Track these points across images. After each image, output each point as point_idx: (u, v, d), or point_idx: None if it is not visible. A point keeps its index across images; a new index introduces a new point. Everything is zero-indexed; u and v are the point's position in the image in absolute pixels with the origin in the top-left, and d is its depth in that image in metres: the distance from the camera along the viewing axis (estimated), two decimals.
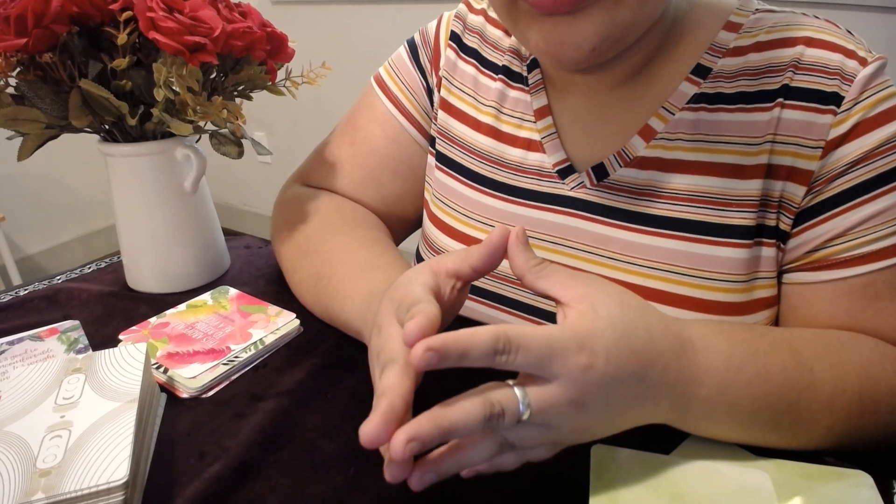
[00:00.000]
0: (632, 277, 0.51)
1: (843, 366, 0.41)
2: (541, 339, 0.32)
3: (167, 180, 0.60)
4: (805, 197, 0.46)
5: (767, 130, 0.46)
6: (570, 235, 0.54)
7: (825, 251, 0.46)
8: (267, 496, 0.39)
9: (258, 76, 0.58)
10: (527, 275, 0.38)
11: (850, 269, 0.45)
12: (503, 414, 0.32)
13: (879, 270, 0.45)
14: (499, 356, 0.32)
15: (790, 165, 0.46)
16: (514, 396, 0.32)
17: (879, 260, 0.45)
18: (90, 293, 0.64)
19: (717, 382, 0.37)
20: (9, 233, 2.17)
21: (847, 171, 0.44)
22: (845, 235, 0.45)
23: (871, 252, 0.45)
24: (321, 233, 0.60)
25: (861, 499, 0.37)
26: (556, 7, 0.41)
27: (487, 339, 0.31)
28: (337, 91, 1.64)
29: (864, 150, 0.44)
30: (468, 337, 0.31)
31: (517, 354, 0.32)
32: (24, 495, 0.34)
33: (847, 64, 0.45)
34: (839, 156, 0.44)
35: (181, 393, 0.48)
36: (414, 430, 0.30)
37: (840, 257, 0.46)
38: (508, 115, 0.58)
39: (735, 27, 0.49)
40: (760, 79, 0.47)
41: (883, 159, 0.44)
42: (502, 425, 0.32)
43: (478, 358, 0.31)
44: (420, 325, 0.32)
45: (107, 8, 0.51)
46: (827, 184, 0.45)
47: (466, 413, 0.31)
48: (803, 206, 0.46)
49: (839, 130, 0.44)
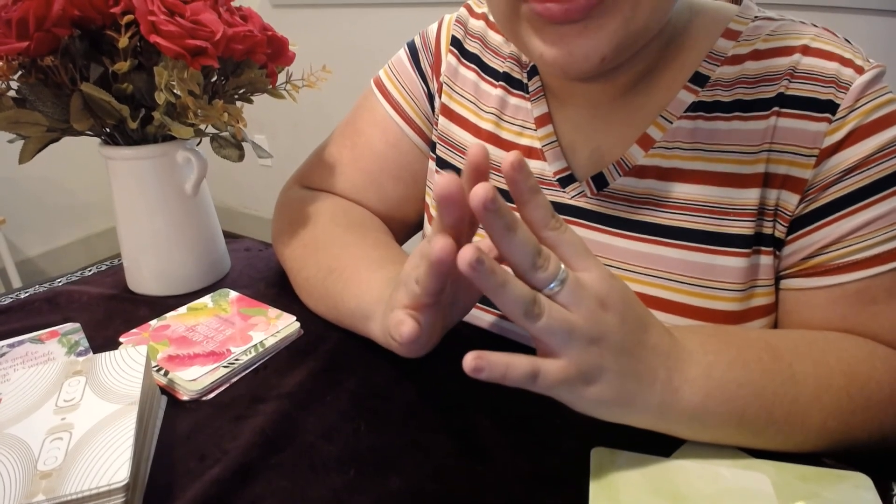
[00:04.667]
0: (631, 285, 0.51)
1: (827, 363, 0.42)
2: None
3: (168, 183, 0.60)
4: (799, 205, 0.46)
5: (764, 139, 0.46)
6: None
7: (820, 258, 0.46)
8: (267, 498, 0.39)
9: (259, 79, 0.58)
10: (543, 231, 0.36)
11: (845, 276, 0.45)
12: (548, 264, 0.34)
13: (874, 276, 0.45)
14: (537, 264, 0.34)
15: (785, 174, 0.46)
16: (559, 264, 0.35)
17: (874, 266, 0.44)
18: (91, 296, 0.64)
19: (701, 362, 0.39)
20: (9, 235, 2.17)
21: (842, 179, 0.44)
22: (840, 242, 0.45)
23: (865, 258, 0.44)
24: (330, 232, 0.60)
25: (861, 501, 0.37)
26: (566, 16, 0.40)
27: (530, 246, 0.33)
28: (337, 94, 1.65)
29: (860, 158, 0.44)
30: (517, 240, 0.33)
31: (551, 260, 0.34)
32: (25, 497, 0.34)
33: (843, 72, 0.44)
34: (833, 163, 0.44)
35: (181, 395, 0.48)
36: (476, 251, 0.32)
37: (834, 264, 0.45)
38: (509, 123, 0.58)
39: (734, 35, 0.49)
40: (757, 87, 0.47)
41: (878, 166, 0.43)
42: (544, 272, 0.34)
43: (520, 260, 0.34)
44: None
45: (108, 11, 0.51)
46: (821, 192, 0.45)
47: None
48: (797, 214, 0.46)
49: (834, 138, 0.44)
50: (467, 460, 0.42)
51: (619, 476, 0.39)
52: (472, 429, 0.44)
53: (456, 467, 0.41)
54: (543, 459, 0.41)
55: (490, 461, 0.41)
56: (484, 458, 0.42)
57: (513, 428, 0.44)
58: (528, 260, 0.33)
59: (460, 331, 0.53)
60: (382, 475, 0.40)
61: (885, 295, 0.45)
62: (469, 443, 0.43)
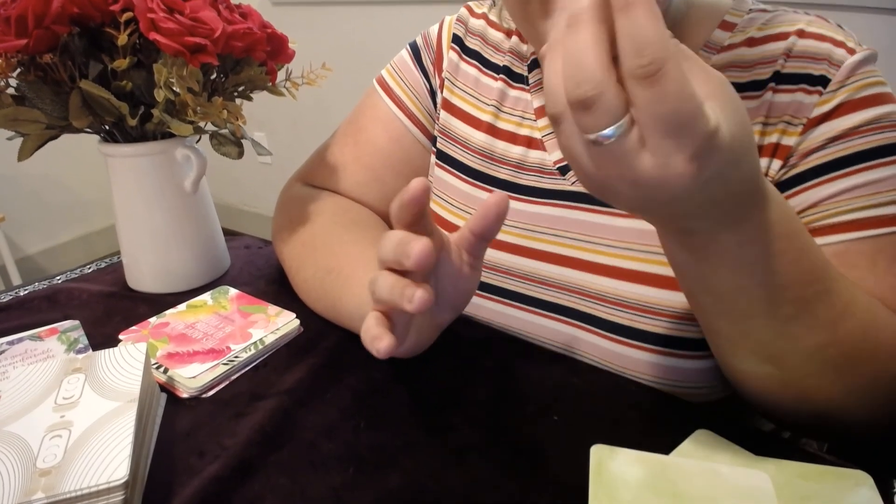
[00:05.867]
0: (632, 264, 0.52)
1: (855, 299, 0.40)
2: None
3: (167, 180, 0.60)
4: (780, 170, 0.47)
5: (758, 114, 0.48)
6: (570, 226, 0.55)
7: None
8: (266, 495, 0.39)
9: (258, 77, 0.58)
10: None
11: (823, 238, 0.45)
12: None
13: (851, 241, 0.44)
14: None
15: (776, 142, 0.47)
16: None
17: (851, 231, 0.44)
18: (90, 293, 0.64)
19: (777, 211, 0.34)
20: (9, 233, 2.17)
21: (824, 147, 0.45)
22: (816, 207, 0.46)
23: (842, 223, 0.44)
24: (329, 231, 0.60)
25: (861, 499, 0.37)
26: None
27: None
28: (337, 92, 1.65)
29: (845, 128, 0.45)
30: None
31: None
32: (25, 495, 0.34)
33: (835, 51, 0.46)
34: (818, 133, 0.45)
35: (181, 393, 0.48)
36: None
37: (812, 227, 0.46)
38: (508, 114, 0.59)
39: (730, 26, 0.50)
40: (753, 70, 0.48)
41: (863, 138, 0.44)
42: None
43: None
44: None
45: (107, 9, 0.51)
46: (802, 158, 0.46)
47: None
48: (777, 180, 0.47)
49: (822, 109, 0.45)
50: (467, 458, 0.42)
51: (619, 474, 0.39)
52: (471, 427, 0.44)
53: (455, 465, 0.41)
54: (543, 458, 0.41)
55: (489, 460, 0.41)
56: (483, 456, 0.42)
57: (512, 426, 0.44)
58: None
59: (460, 330, 0.53)
60: (382, 473, 0.40)
61: (867, 262, 0.44)
62: (468, 441, 0.43)
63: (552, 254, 0.55)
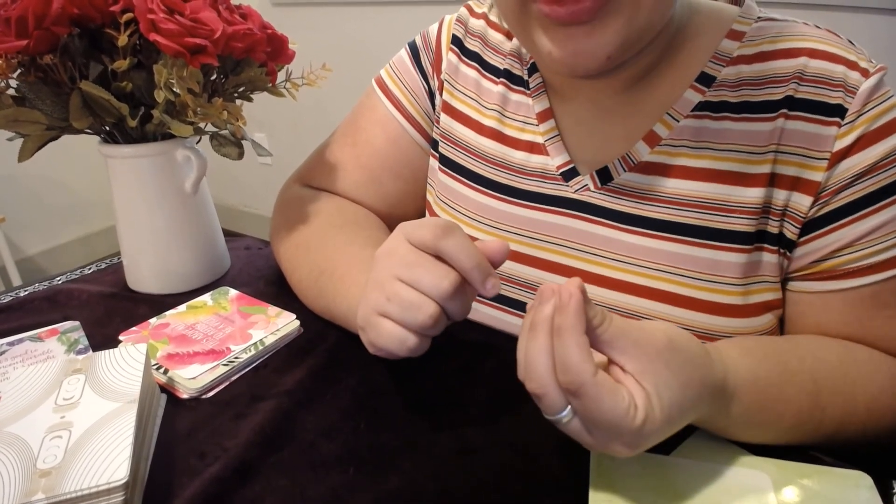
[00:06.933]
0: (635, 278, 0.51)
1: (854, 400, 0.44)
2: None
3: (167, 181, 0.60)
4: (812, 207, 0.47)
5: (771, 140, 0.47)
6: (573, 237, 0.54)
7: (833, 261, 0.47)
8: (266, 497, 0.39)
9: (258, 78, 0.58)
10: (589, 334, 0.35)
11: (859, 280, 0.46)
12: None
13: (885, 280, 0.46)
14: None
15: (795, 175, 0.47)
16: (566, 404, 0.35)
17: (885, 270, 0.46)
18: (90, 294, 0.64)
19: (747, 393, 0.40)
20: (9, 234, 2.17)
21: (853, 183, 0.45)
22: (852, 246, 0.46)
23: (877, 263, 0.46)
24: (323, 232, 0.60)
25: (860, 499, 0.37)
26: (573, 17, 0.41)
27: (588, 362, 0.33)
28: (337, 93, 1.64)
29: (868, 163, 0.45)
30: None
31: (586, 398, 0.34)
32: (25, 496, 0.34)
33: (850, 76, 0.45)
34: (845, 167, 0.45)
35: (181, 393, 0.48)
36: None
37: (848, 268, 0.46)
38: (511, 119, 0.58)
39: (738, 35, 0.49)
40: (764, 89, 0.47)
41: (885, 172, 0.45)
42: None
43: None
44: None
45: (107, 10, 0.51)
46: (834, 195, 0.46)
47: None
48: (811, 217, 0.47)
49: (844, 142, 0.45)
50: (467, 459, 0.42)
51: (619, 475, 0.39)
52: (471, 428, 0.44)
53: (455, 466, 0.41)
54: (543, 458, 0.41)
55: (489, 460, 0.41)
56: (483, 457, 0.42)
57: (512, 427, 0.44)
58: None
59: (460, 332, 0.53)
60: (382, 474, 0.40)
61: (895, 299, 0.46)
62: (468, 442, 0.43)
63: (555, 263, 0.55)
